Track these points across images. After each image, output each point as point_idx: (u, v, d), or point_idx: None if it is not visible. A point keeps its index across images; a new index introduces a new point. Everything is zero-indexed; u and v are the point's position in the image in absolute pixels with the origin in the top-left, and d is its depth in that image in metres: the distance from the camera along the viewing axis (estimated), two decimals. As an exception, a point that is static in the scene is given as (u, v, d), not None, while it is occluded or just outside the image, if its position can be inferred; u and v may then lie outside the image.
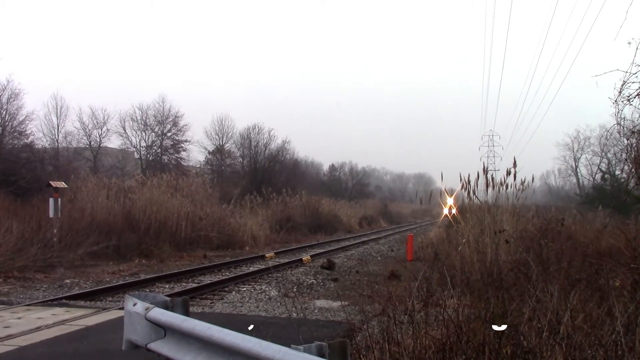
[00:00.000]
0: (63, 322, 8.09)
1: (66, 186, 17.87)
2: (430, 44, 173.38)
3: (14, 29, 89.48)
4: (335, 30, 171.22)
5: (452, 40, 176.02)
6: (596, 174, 49.58)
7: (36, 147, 29.89)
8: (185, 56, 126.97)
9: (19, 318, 8.36)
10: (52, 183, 16.48)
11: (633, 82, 7.92)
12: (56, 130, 35.58)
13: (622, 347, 4.02)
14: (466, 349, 4.35)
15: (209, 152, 44.83)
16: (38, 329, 7.61)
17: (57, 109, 35.54)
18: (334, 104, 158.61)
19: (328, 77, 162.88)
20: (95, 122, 38.48)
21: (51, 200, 15.75)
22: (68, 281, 13.01)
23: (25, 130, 29.17)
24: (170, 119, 41.09)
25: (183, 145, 41.86)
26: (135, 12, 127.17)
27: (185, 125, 41.52)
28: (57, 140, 35.32)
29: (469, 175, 11.42)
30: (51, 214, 15.66)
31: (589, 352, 4.07)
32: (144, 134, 40.83)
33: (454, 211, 16.12)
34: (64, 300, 10.18)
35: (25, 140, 28.73)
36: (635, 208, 16.81)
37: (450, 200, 16.52)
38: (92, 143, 38.25)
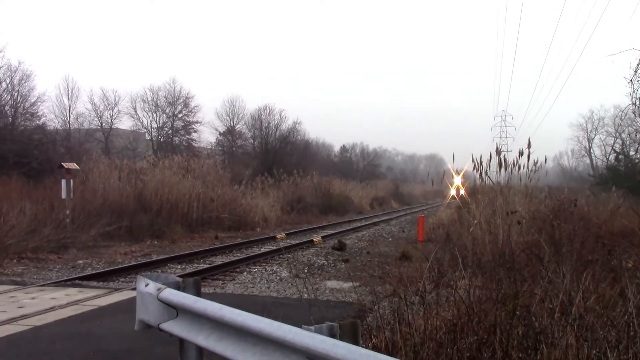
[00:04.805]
0: (76, 302, 8.17)
1: (78, 168, 17.94)
2: (443, 24, 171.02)
3: (25, 12, 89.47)
4: (347, 11, 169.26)
5: (464, 21, 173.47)
6: (610, 154, 49.02)
7: (48, 128, 30.11)
8: (195, 37, 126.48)
9: (33, 298, 8.47)
10: (64, 164, 16.56)
11: (649, 62, 7.73)
12: (67, 112, 35.83)
13: (634, 328, 3.99)
14: (477, 330, 4.35)
15: (220, 133, 44.95)
16: (52, 309, 7.70)
17: (68, 90, 35.77)
18: (345, 85, 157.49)
19: (339, 59, 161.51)
20: (106, 103, 38.71)
21: (63, 182, 15.83)
22: (81, 262, 13.15)
23: (37, 112, 29.38)
24: (181, 100, 41.19)
25: (194, 126, 42.04)
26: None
27: (196, 106, 41.65)
28: (68, 122, 35.59)
29: (480, 156, 11.31)
30: (63, 195, 15.75)
31: (601, 333, 4.05)
32: (155, 115, 41.01)
33: (462, 192, 15.98)
34: (77, 281, 10.28)
35: (37, 122, 28.91)
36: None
37: (457, 180, 16.33)
38: (103, 124, 38.51)
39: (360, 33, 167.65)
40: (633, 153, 32.03)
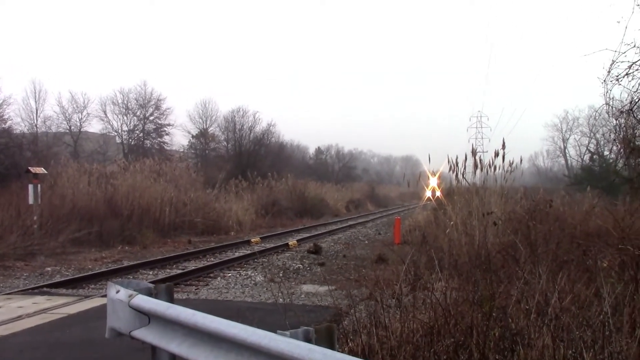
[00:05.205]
0: (44, 310, 7.98)
1: (46, 172, 17.57)
2: (417, 25, 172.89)
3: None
4: (319, 13, 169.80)
5: (438, 23, 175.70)
6: (585, 154, 49.59)
7: (14, 132, 29.30)
8: (167, 39, 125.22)
9: (-1, 307, 8.21)
10: (31, 169, 16.23)
11: (622, 62, 7.91)
12: (35, 115, 35.04)
13: (609, 327, 4.02)
14: (454, 332, 4.34)
15: (193, 136, 44.43)
16: (19, 318, 7.50)
17: (35, 93, 34.97)
18: (320, 88, 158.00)
19: (313, 62, 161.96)
20: (75, 106, 37.94)
21: (30, 187, 15.48)
22: (49, 269, 12.82)
23: (3, 115, 28.57)
24: (153, 102, 40.61)
25: (166, 129, 41.51)
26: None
27: (168, 108, 41.14)
28: (35, 125, 34.80)
29: (456, 157, 11.38)
30: (31, 200, 15.41)
31: (577, 333, 4.07)
32: (125, 118, 40.34)
33: (438, 193, 16.05)
34: (45, 289, 10.04)
35: (3, 126, 28.07)
36: (623, 189, 16.88)
37: (433, 181, 16.41)
38: (72, 128, 37.72)
39: (336, 35, 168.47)
40: (607, 153, 32.48)
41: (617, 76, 8.00)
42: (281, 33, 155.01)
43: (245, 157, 40.54)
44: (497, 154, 10.64)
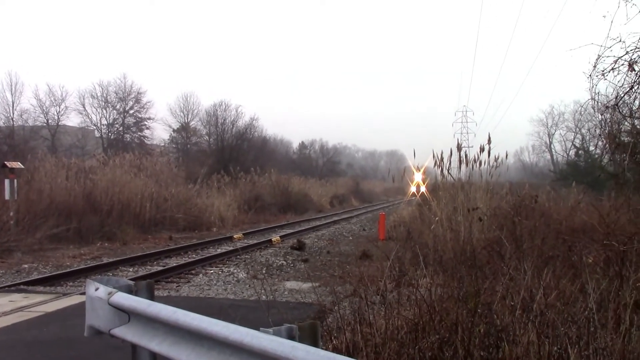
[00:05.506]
0: (21, 308, 7.84)
1: (22, 167, 17.28)
2: (404, 21, 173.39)
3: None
4: (315, 12, 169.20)
5: (427, 18, 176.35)
6: (570, 150, 49.84)
7: (-10, 126, 28.83)
8: (147, 31, 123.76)
9: (-26, 305, 8.02)
10: (8, 164, 15.95)
11: (607, 56, 7.94)
12: (11, 108, 34.47)
13: (594, 323, 4.02)
14: (439, 329, 4.31)
15: (174, 130, 43.98)
16: (-6, 316, 7.34)
17: (11, 85, 34.39)
18: (304, 81, 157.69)
19: (297, 56, 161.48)
20: (52, 99, 37.37)
21: (7, 182, 15.23)
22: (26, 266, 12.58)
23: (-22, 109, 28.09)
24: (133, 96, 40.16)
25: (146, 123, 41.12)
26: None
27: (149, 102, 40.74)
28: (12, 119, 34.23)
29: (442, 152, 11.34)
30: (7, 196, 15.16)
31: (562, 329, 4.07)
32: (104, 111, 39.82)
33: (423, 188, 16.07)
34: (22, 286, 9.85)
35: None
36: (608, 184, 17.06)
37: (418, 176, 16.40)
38: (49, 121, 37.16)
39: (315, 29, 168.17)
40: (593, 148, 32.73)
41: (603, 71, 8.03)
42: (275, 30, 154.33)
43: (227, 151, 40.21)
44: (482, 149, 10.65)
